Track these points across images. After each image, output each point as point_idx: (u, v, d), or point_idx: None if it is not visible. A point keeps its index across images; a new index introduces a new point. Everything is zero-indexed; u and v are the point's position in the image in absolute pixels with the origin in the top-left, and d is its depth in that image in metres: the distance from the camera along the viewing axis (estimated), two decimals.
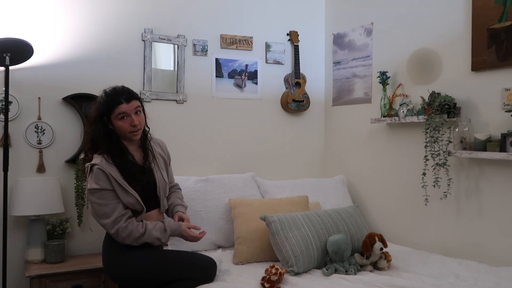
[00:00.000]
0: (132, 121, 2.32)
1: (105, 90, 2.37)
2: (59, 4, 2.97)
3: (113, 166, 2.28)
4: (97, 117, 2.33)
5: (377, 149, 3.41)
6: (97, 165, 2.24)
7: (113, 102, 2.30)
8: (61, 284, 2.67)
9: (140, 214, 2.32)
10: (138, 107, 2.35)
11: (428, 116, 2.76)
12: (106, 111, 2.31)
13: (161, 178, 2.45)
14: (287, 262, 2.45)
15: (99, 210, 2.25)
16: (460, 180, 2.81)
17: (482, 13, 2.65)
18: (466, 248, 2.77)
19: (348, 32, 3.66)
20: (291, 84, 3.69)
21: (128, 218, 2.26)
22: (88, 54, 3.05)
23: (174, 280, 2.26)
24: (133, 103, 2.33)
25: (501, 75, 2.59)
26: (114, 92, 2.34)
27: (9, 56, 2.69)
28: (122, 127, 2.32)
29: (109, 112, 2.31)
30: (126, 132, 2.33)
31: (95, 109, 2.35)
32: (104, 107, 2.31)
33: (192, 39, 3.37)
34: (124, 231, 2.23)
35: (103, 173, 2.23)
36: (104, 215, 2.25)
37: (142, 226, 2.27)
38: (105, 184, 2.23)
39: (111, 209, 2.24)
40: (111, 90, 2.37)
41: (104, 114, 2.32)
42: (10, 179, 2.78)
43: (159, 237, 2.30)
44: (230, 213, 2.95)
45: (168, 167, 2.61)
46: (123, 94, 2.33)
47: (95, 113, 2.34)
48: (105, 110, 2.31)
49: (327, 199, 3.38)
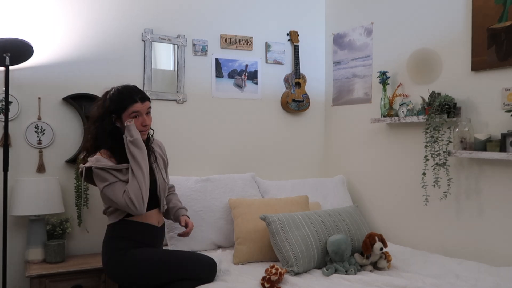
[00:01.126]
0: (143, 121, 2.36)
1: (117, 88, 2.38)
2: (59, 4, 2.97)
3: (113, 160, 2.29)
4: (105, 113, 2.33)
5: (377, 149, 3.41)
6: (93, 166, 2.25)
7: (128, 100, 2.32)
8: (61, 284, 2.67)
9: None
10: (149, 108, 2.40)
11: (428, 116, 2.76)
12: (118, 108, 2.32)
13: (161, 178, 2.45)
14: (287, 262, 2.45)
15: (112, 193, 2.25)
16: (460, 180, 2.81)
17: (482, 13, 2.65)
18: (466, 248, 2.77)
19: (348, 32, 3.66)
20: (291, 84, 3.69)
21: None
22: (88, 54, 3.05)
23: (175, 280, 2.26)
24: (146, 104, 2.37)
25: (501, 75, 2.59)
26: (129, 90, 2.36)
27: (9, 56, 2.68)
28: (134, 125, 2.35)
29: (122, 110, 2.32)
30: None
31: (102, 105, 2.35)
32: (117, 104, 2.32)
33: (192, 39, 3.37)
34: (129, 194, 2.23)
35: (103, 170, 2.24)
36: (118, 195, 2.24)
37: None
38: (111, 178, 2.25)
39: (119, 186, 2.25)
40: (124, 88, 2.38)
41: (114, 111, 2.32)
42: (10, 179, 2.77)
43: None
44: (230, 213, 2.95)
45: (167, 168, 2.62)
46: (138, 94, 2.36)
47: (102, 110, 2.34)
48: (117, 107, 2.32)
49: (327, 199, 3.38)
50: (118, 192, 2.23)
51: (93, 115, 2.39)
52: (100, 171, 2.25)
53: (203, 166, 3.39)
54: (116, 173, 2.26)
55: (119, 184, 2.25)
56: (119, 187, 2.24)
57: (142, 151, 2.29)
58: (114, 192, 2.23)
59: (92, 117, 2.40)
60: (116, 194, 2.23)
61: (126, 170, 2.28)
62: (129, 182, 2.24)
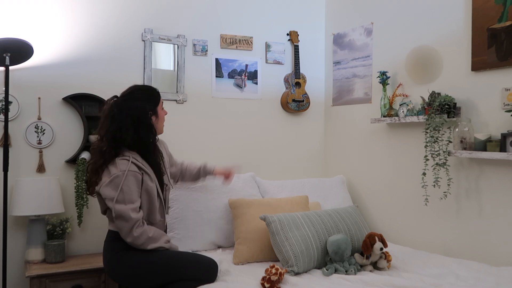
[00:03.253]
0: (165, 111, 2.52)
1: (132, 90, 2.40)
2: (59, 4, 2.97)
3: (148, 167, 2.34)
4: (142, 114, 2.33)
5: (377, 149, 3.41)
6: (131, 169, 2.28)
7: (157, 92, 2.47)
8: (61, 284, 2.67)
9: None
10: None
11: (428, 116, 2.76)
12: (154, 104, 2.40)
13: (167, 178, 2.48)
14: (287, 262, 2.45)
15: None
16: (460, 180, 2.81)
17: (482, 13, 2.65)
18: (466, 248, 2.77)
19: (348, 32, 3.66)
20: (291, 84, 3.69)
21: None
22: (88, 54, 3.05)
23: (175, 281, 2.26)
24: None
25: (501, 75, 2.59)
26: (148, 87, 2.52)
27: (9, 56, 2.68)
28: (163, 117, 2.48)
29: (156, 104, 2.42)
30: (163, 122, 2.49)
31: (130, 110, 2.31)
32: (151, 101, 2.40)
33: (192, 39, 3.37)
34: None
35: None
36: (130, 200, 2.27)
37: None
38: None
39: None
40: (140, 86, 2.53)
41: (151, 108, 2.39)
42: (10, 179, 2.78)
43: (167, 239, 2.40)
44: (230, 213, 2.95)
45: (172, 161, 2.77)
46: (154, 88, 2.53)
47: (135, 113, 2.31)
48: (153, 104, 2.40)
49: (327, 199, 3.38)
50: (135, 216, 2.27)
51: (122, 123, 2.29)
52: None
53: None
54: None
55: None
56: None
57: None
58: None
59: (120, 126, 2.29)
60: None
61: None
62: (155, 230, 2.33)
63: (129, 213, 2.21)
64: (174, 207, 2.90)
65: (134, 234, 2.23)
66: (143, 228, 2.26)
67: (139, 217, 2.25)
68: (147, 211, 2.33)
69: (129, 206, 2.22)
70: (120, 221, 2.23)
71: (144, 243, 2.26)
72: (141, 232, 2.24)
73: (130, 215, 2.21)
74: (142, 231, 2.25)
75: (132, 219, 2.21)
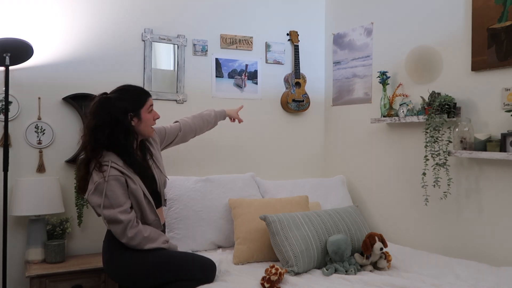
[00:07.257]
0: (155, 115, 2.43)
1: (119, 89, 2.36)
2: (59, 4, 2.97)
3: (131, 171, 2.29)
4: (120, 114, 2.26)
5: (377, 149, 3.41)
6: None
7: (144, 94, 2.39)
8: (61, 284, 2.67)
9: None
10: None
11: (428, 116, 2.76)
12: (136, 105, 2.33)
13: (159, 173, 2.47)
14: (287, 262, 2.45)
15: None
16: (460, 180, 2.81)
17: (482, 13, 2.65)
18: (466, 248, 2.77)
19: (348, 32, 3.66)
20: (291, 84, 3.68)
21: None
22: (88, 54, 3.05)
23: (174, 281, 2.26)
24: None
25: (501, 75, 2.59)
26: (136, 88, 2.42)
27: (9, 56, 2.69)
28: (149, 121, 2.39)
29: (140, 106, 2.34)
30: (149, 126, 2.40)
31: (109, 109, 2.25)
32: (134, 101, 2.33)
33: (192, 39, 3.37)
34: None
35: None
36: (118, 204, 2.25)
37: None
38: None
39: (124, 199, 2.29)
40: (128, 86, 2.40)
41: (132, 109, 2.31)
42: (10, 179, 2.78)
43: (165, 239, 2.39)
44: (230, 213, 2.95)
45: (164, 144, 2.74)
46: (145, 90, 2.45)
47: (114, 111, 2.25)
48: (135, 104, 2.32)
49: (327, 199, 3.38)
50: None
51: (100, 121, 2.24)
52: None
53: (203, 166, 3.39)
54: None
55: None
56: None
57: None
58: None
59: (98, 123, 2.24)
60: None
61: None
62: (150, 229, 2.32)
63: (118, 216, 2.20)
64: (174, 207, 2.90)
65: (128, 235, 2.23)
66: (137, 228, 2.25)
67: (131, 217, 2.24)
68: (138, 213, 2.33)
69: (117, 209, 2.21)
70: (112, 225, 2.24)
71: (140, 243, 2.25)
72: (135, 233, 2.24)
73: (119, 217, 2.20)
74: (137, 231, 2.24)
75: (122, 221, 2.21)
